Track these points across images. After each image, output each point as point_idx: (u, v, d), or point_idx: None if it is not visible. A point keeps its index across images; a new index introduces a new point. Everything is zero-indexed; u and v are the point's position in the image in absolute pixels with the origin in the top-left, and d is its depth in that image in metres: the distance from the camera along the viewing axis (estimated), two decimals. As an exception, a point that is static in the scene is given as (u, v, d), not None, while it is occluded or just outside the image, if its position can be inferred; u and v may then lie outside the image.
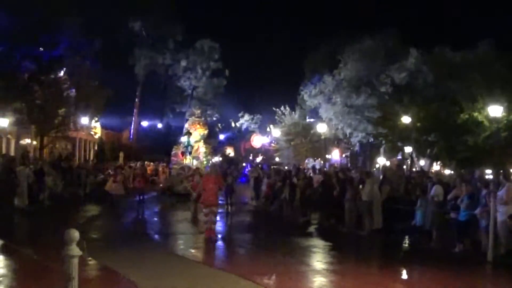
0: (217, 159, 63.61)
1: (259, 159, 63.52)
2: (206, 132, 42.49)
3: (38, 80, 35.70)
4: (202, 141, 41.50)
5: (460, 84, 38.30)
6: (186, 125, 41.84)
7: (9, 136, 40.85)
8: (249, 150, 71.79)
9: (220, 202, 28.12)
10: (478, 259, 15.00)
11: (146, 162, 53.78)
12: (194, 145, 40.52)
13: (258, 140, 68.04)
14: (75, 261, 6.46)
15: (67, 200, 30.44)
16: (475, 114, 36.43)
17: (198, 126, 41.38)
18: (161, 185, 39.70)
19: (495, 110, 31.22)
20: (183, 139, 40.87)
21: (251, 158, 68.88)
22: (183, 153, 40.17)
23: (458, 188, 16.96)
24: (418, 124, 39.21)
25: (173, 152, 42.00)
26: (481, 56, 39.39)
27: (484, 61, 38.34)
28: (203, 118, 45.67)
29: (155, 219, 25.51)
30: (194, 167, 34.52)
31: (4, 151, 37.45)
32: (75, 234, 6.54)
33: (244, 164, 59.15)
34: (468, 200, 15.68)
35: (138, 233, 20.15)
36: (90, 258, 12.71)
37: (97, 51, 44.75)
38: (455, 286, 12.34)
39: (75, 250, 6.47)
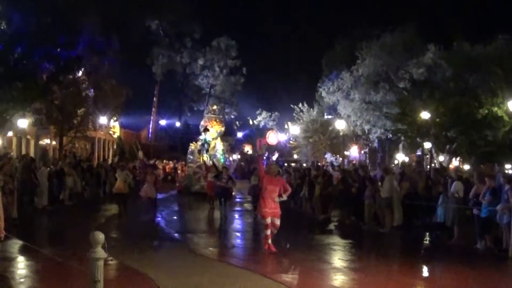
0: (235, 157, 63.67)
1: (275, 156, 63.31)
2: (223, 129, 42.10)
3: (57, 81, 35.82)
4: (219, 138, 41.15)
5: (479, 78, 38.06)
6: (202, 122, 41.48)
7: (28, 136, 41.17)
8: (264, 147, 71.63)
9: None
10: (499, 256, 14.92)
11: (165, 161, 53.99)
12: (211, 143, 40.23)
13: (273, 137, 67.85)
14: (101, 263, 6.48)
15: (87, 199, 30.63)
16: (495, 108, 36.16)
17: (214, 122, 40.96)
18: (177, 184, 39.66)
19: (515, 105, 31.05)
20: (201, 136, 40.62)
21: (266, 155, 68.79)
22: (199, 151, 39.88)
23: (478, 184, 16.85)
24: (437, 120, 39.01)
25: (189, 150, 41.73)
26: (500, 49, 39.07)
27: (503, 55, 38.04)
28: (220, 115, 45.33)
29: (174, 217, 25.53)
30: (211, 165, 34.23)
31: (24, 151, 37.72)
32: (100, 236, 6.56)
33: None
34: (490, 196, 15.56)
35: (158, 232, 20.20)
36: (111, 258, 12.76)
37: (115, 51, 44.98)
38: (477, 282, 12.28)
39: (101, 253, 6.48)
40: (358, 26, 57.07)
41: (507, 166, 34.05)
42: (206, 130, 39.66)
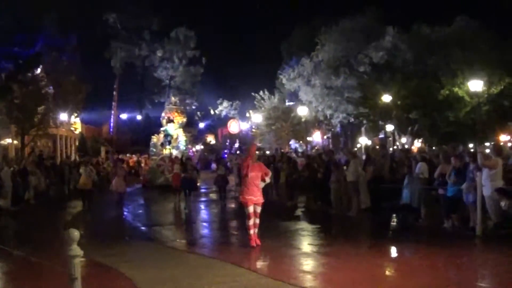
0: (198, 147, 63.63)
1: (236, 144, 63.37)
2: (184, 120, 41.95)
3: (16, 80, 35.42)
4: (181, 129, 40.97)
5: (439, 60, 38.48)
6: (163, 114, 41.27)
7: (-11, 137, 40.63)
8: (226, 136, 71.70)
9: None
10: (467, 234, 15.10)
11: (128, 155, 53.76)
12: (174, 134, 40.03)
13: (235, 126, 67.90)
14: (77, 261, 6.47)
15: (52, 198, 30.38)
16: (456, 89, 36.63)
17: (176, 114, 40.79)
18: (141, 177, 39.41)
19: (475, 85, 31.46)
20: (163, 128, 40.41)
21: (228, 144, 68.85)
22: (162, 144, 39.71)
23: (443, 164, 17.03)
24: (399, 102, 39.43)
25: (151, 143, 41.50)
26: (459, 31, 39.50)
27: (462, 36, 38.47)
28: (181, 106, 45.17)
29: (141, 211, 25.44)
30: (174, 157, 34.07)
31: (-15, 152, 37.24)
32: (75, 233, 6.54)
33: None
34: (455, 176, 15.75)
35: (126, 226, 20.14)
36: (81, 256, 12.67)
37: (74, 47, 44.59)
38: (446, 261, 12.42)
39: (77, 250, 6.46)
40: (316, 12, 57.38)
41: (470, 145, 34.48)
42: (170, 121, 39.55)
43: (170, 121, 39.68)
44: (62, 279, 7.37)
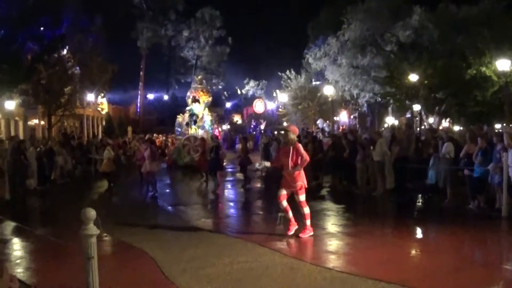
0: (225, 127, 63.63)
1: (262, 125, 63.25)
2: (210, 99, 41.54)
3: (42, 60, 35.59)
4: (206, 109, 40.67)
5: (466, 39, 37.96)
6: (189, 93, 40.96)
7: (16, 118, 41.02)
8: (251, 116, 71.58)
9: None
10: (493, 216, 14.96)
11: (155, 135, 53.91)
12: (199, 114, 39.78)
13: (260, 106, 67.76)
14: (93, 240, 6.45)
15: (78, 178, 30.60)
16: (483, 69, 36.11)
17: (201, 93, 40.32)
18: (166, 158, 39.33)
19: (503, 64, 31.02)
20: (188, 107, 40.13)
21: (253, 124, 68.77)
22: (187, 124, 39.46)
23: (469, 144, 16.85)
24: (426, 82, 39.02)
25: (176, 122, 41.25)
26: (487, 10, 38.92)
27: (490, 15, 37.91)
28: (206, 85, 44.92)
29: (167, 191, 25.49)
30: (200, 137, 33.79)
31: (13, 133, 37.55)
32: (92, 213, 6.51)
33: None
34: (481, 156, 15.55)
35: (152, 206, 20.21)
36: (105, 235, 12.76)
37: (99, 27, 44.72)
38: (471, 242, 12.32)
39: (93, 229, 6.45)
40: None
41: (497, 126, 34.06)
42: (195, 100, 39.37)
43: (195, 100, 39.40)
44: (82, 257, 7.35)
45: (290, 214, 12.99)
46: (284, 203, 12.91)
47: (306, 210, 12.83)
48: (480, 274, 9.67)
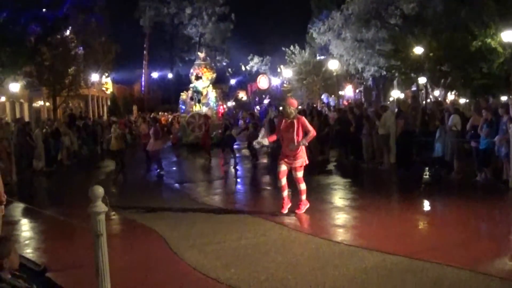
0: (230, 104, 63.55)
1: (266, 101, 63.04)
2: (214, 76, 41.21)
3: (45, 42, 35.53)
4: (210, 86, 40.38)
5: (471, 11, 37.67)
6: (192, 70, 40.69)
7: (21, 100, 41.05)
8: (256, 92, 71.38)
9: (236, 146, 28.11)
10: (500, 187, 14.95)
11: (160, 113, 53.95)
12: (203, 91, 39.54)
13: (264, 82, 67.46)
14: (102, 217, 6.45)
15: (85, 158, 30.69)
16: (488, 40, 35.82)
17: (205, 70, 39.97)
18: (171, 136, 39.22)
19: (509, 35, 30.76)
20: (192, 84, 39.91)
21: (257, 100, 68.63)
22: (192, 98, 39.23)
23: (474, 116, 16.80)
24: (431, 54, 38.75)
25: (180, 100, 41.06)
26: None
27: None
28: (210, 62, 44.65)
29: (173, 169, 25.52)
30: (204, 114, 33.58)
31: (18, 115, 37.60)
32: (100, 190, 6.51)
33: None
34: (487, 128, 15.50)
35: (158, 184, 20.27)
36: (113, 213, 12.82)
37: (102, 7, 44.50)
38: (478, 214, 12.30)
39: (101, 207, 6.45)
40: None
41: (503, 98, 33.91)
42: (198, 77, 39.22)
43: (198, 77, 39.21)
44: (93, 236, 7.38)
45: (285, 193, 12.81)
46: (283, 180, 12.68)
47: (303, 186, 12.72)
48: (488, 246, 9.66)
